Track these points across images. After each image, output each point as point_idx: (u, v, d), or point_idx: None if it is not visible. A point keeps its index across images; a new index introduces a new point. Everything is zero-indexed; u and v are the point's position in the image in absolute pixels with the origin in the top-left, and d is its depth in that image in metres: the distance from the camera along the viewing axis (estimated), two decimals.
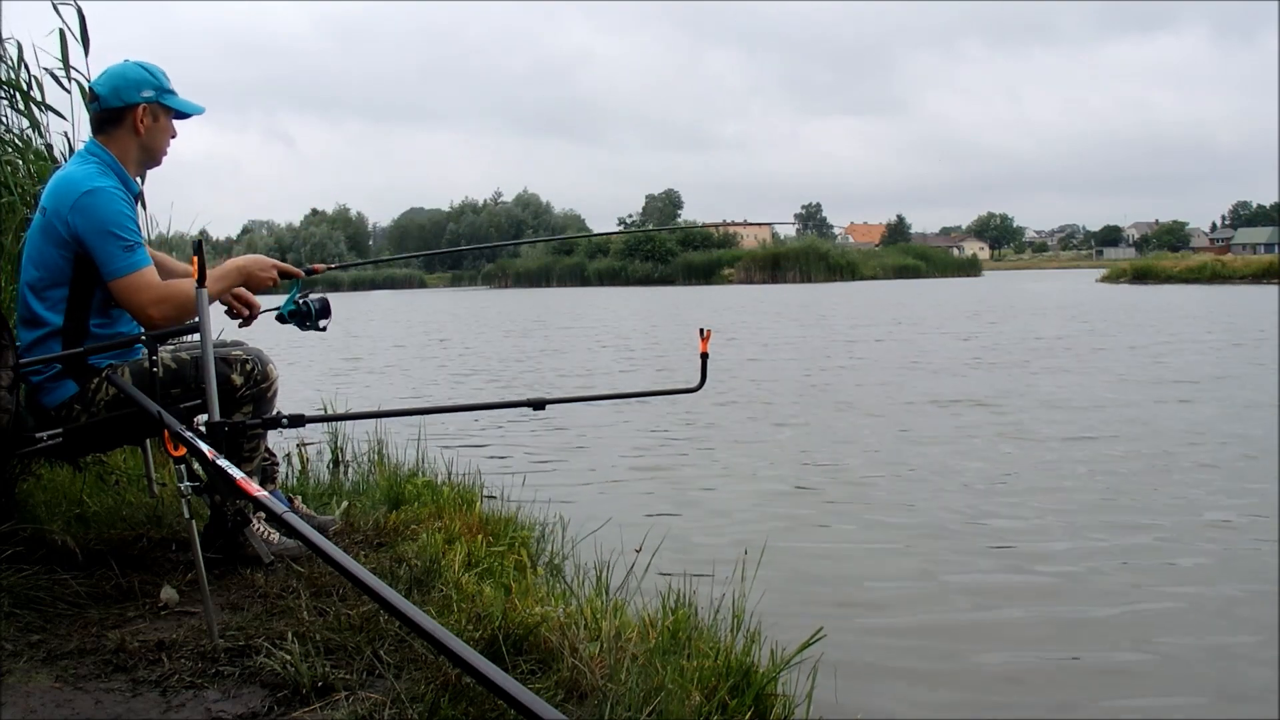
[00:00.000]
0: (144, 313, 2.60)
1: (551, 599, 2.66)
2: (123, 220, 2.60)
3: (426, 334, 20.84)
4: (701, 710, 2.06)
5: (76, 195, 2.58)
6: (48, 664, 2.14)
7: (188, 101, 2.82)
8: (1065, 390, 9.18)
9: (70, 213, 2.58)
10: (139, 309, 2.60)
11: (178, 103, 2.79)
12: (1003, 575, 3.96)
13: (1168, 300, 26.88)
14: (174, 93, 2.78)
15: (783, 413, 8.35)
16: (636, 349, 15.38)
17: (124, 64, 2.75)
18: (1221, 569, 3.99)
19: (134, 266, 2.58)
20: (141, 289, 2.58)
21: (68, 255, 2.61)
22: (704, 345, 2.79)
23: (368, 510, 3.52)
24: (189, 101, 2.83)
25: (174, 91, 2.78)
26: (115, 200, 2.60)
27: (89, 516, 3.13)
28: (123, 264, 2.57)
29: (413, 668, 2.10)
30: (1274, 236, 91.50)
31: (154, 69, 2.75)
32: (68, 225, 2.58)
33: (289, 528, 1.69)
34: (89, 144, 2.75)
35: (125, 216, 2.61)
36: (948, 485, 5.48)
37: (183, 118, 2.83)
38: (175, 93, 2.79)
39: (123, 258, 2.57)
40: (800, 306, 27.72)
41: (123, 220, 2.60)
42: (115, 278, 2.58)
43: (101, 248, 2.56)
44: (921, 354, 13.09)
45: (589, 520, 4.29)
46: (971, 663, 3.14)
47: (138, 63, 2.75)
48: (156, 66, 2.77)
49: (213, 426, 2.36)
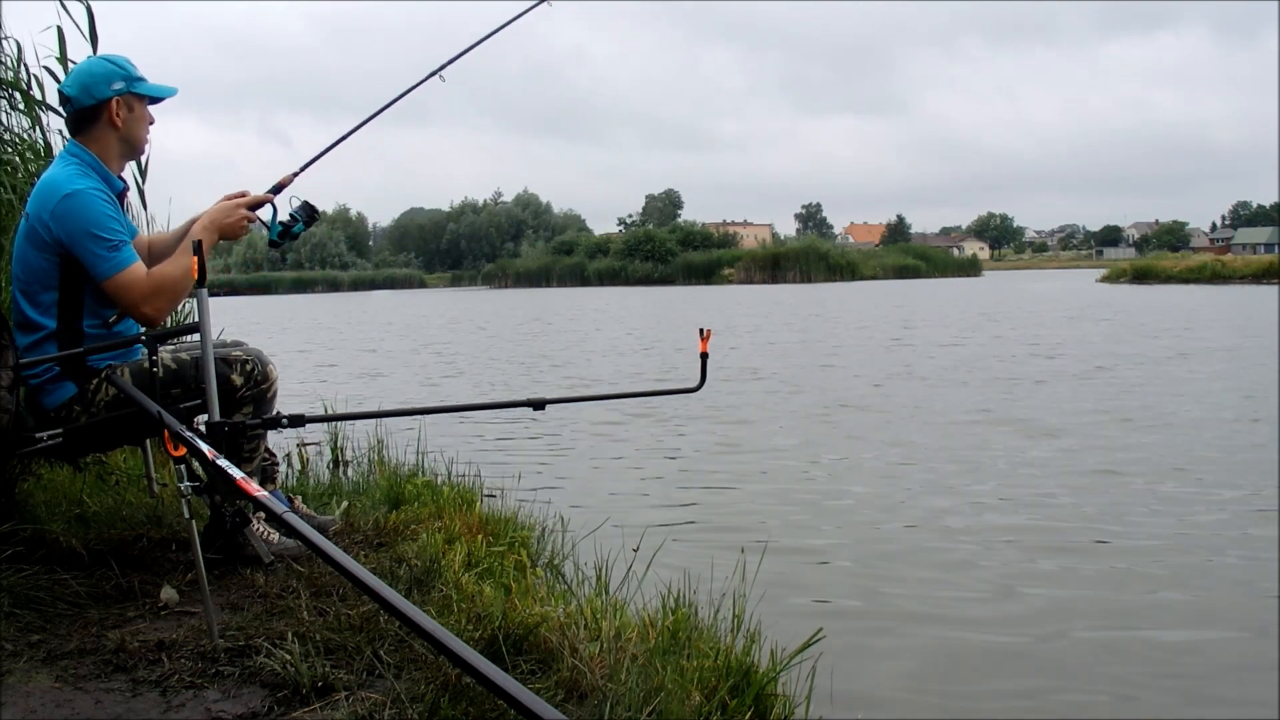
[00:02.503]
0: (137, 310, 2.60)
1: (551, 599, 2.66)
2: (104, 220, 2.58)
3: (425, 335, 20.85)
4: (701, 710, 2.06)
5: (57, 199, 2.57)
6: (48, 664, 2.14)
7: (158, 85, 2.81)
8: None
9: (51, 217, 2.57)
10: (132, 307, 2.60)
11: (149, 88, 2.77)
12: (1003, 575, 3.96)
13: (1173, 299, 26.87)
14: (143, 79, 2.77)
15: (783, 412, 8.35)
16: (636, 349, 15.38)
17: (89, 61, 2.76)
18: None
19: (120, 265, 2.57)
20: (131, 287, 2.58)
21: (52, 259, 2.60)
22: (704, 345, 2.80)
23: (368, 510, 3.52)
24: (159, 85, 2.81)
25: (143, 78, 2.77)
26: (95, 201, 2.59)
27: (89, 516, 3.13)
28: (109, 265, 2.56)
29: (413, 668, 2.10)
30: (1274, 236, 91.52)
31: (119, 59, 2.75)
32: (50, 229, 2.58)
33: (289, 528, 1.69)
34: (69, 145, 2.74)
35: (107, 216, 2.59)
36: (950, 486, 5.48)
37: (156, 102, 2.82)
38: (144, 79, 2.78)
39: (108, 258, 2.56)
40: (799, 306, 27.73)
41: (104, 220, 2.58)
42: (104, 279, 2.57)
43: (86, 250, 2.56)
44: (940, 361, 13.08)
45: (589, 520, 4.29)
46: (972, 663, 3.14)
47: (102, 57, 2.77)
48: (121, 56, 2.77)
49: (213, 426, 2.37)
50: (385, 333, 21.59)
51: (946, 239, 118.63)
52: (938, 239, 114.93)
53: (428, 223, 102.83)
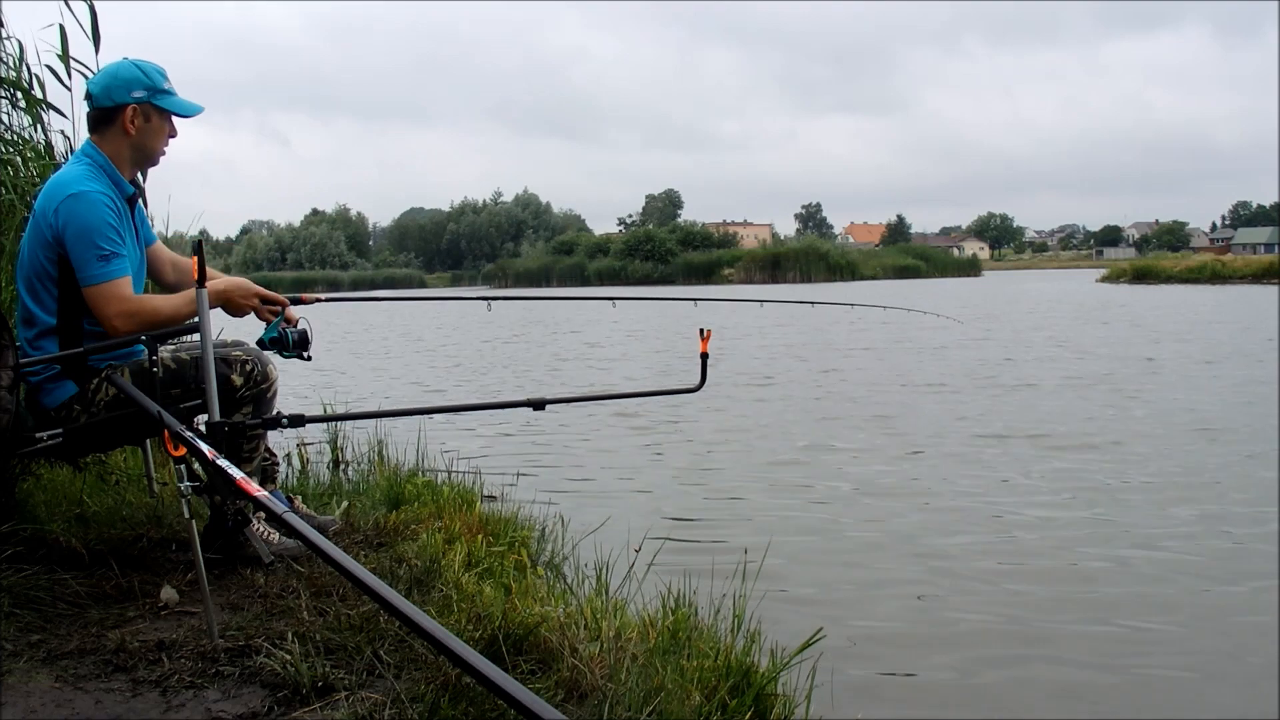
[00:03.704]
0: (109, 323, 2.58)
1: (551, 599, 2.66)
2: (102, 228, 2.56)
3: (430, 333, 20.84)
4: (701, 710, 2.06)
5: (61, 198, 2.57)
6: (48, 664, 2.14)
7: (184, 101, 2.76)
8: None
9: (54, 215, 2.57)
10: (105, 319, 2.58)
11: (171, 103, 2.72)
12: (1004, 577, 3.96)
13: (1180, 299, 26.86)
14: (170, 93, 2.72)
15: (784, 412, 8.35)
16: (636, 348, 15.36)
17: (119, 63, 2.71)
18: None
19: (106, 276, 2.55)
20: (110, 300, 2.56)
21: (52, 257, 2.60)
22: (704, 345, 2.80)
23: (368, 510, 3.53)
24: (185, 101, 2.76)
25: (170, 91, 2.72)
26: (98, 207, 2.57)
27: (89, 516, 3.12)
28: (95, 272, 2.55)
29: (413, 668, 2.10)
30: (1274, 236, 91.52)
31: (149, 68, 2.70)
32: (51, 227, 2.57)
33: (289, 528, 1.69)
34: (85, 144, 2.73)
35: (106, 225, 2.57)
36: (953, 485, 5.48)
37: (180, 117, 2.78)
38: (172, 93, 2.72)
39: (95, 266, 2.55)
40: (799, 304, 27.67)
41: (102, 228, 2.56)
42: (86, 285, 2.56)
43: (78, 253, 2.55)
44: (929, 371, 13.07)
45: (589, 520, 4.29)
46: (973, 664, 3.14)
47: (134, 61, 2.70)
48: (154, 65, 2.71)
49: (213, 426, 2.37)
50: (385, 333, 21.58)
51: (946, 239, 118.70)
52: (938, 239, 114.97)
53: (428, 223, 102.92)
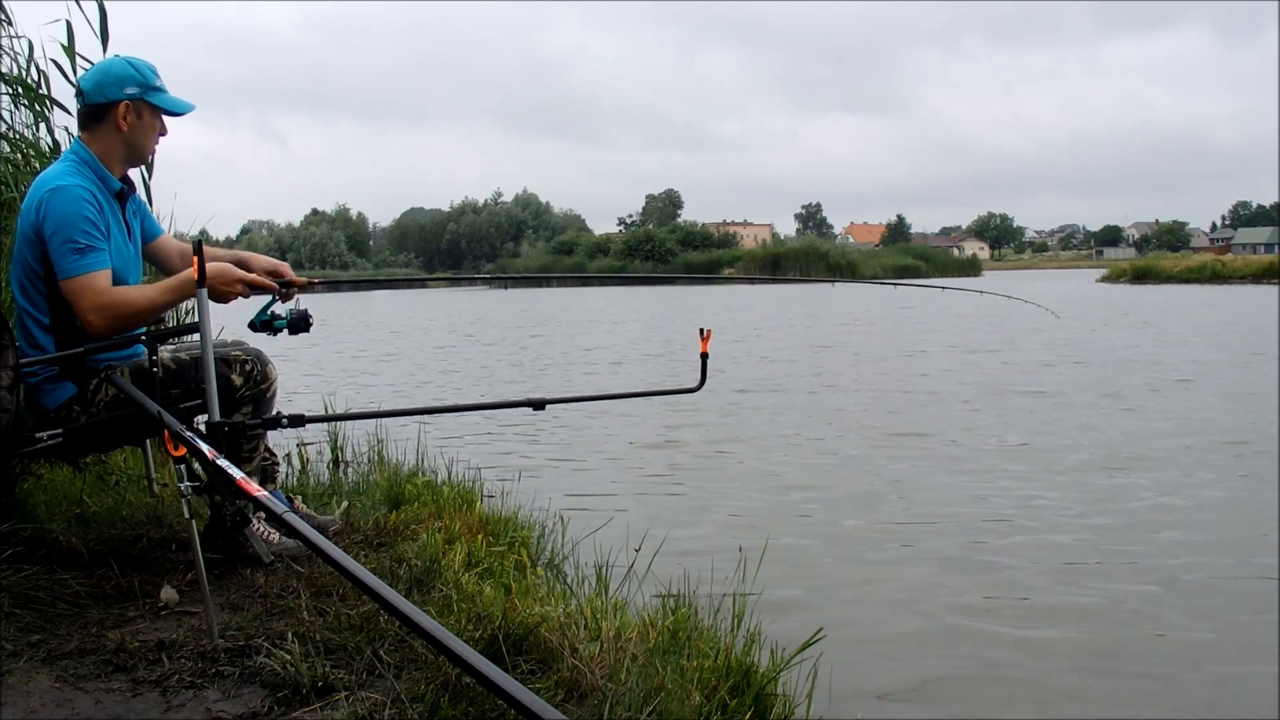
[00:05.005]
0: (84, 317, 2.55)
1: (551, 599, 2.66)
2: (79, 221, 2.54)
3: (428, 334, 20.84)
4: (701, 710, 2.06)
5: (42, 193, 2.57)
6: (48, 664, 2.14)
7: (176, 99, 2.75)
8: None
9: (35, 212, 2.57)
10: (80, 313, 2.55)
11: (163, 100, 2.72)
12: (1005, 578, 3.96)
13: (1182, 299, 26.84)
14: (161, 90, 2.72)
15: (785, 412, 8.35)
16: (636, 348, 15.37)
17: (111, 60, 2.72)
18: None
19: (80, 269, 2.53)
20: (85, 293, 2.53)
21: (37, 254, 2.59)
22: (704, 345, 2.80)
23: (368, 510, 3.52)
24: (177, 99, 2.76)
25: (162, 89, 2.72)
26: (76, 200, 2.55)
27: (89, 516, 3.12)
28: (69, 265, 2.53)
29: (413, 668, 2.10)
30: (1274, 236, 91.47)
31: (141, 65, 2.70)
32: (33, 224, 2.57)
33: (289, 528, 1.69)
34: (73, 142, 2.73)
35: (83, 218, 2.55)
36: (956, 485, 5.48)
37: (171, 115, 2.78)
38: (163, 90, 2.72)
39: (70, 259, 2.53)
40: (800, 306, 27.70)
41: (79, 221, 2.54)
42: (62, 278, 2.54)
43: (54, 247, 2.53)
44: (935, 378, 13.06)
45: (589, 520, 4.29)
46: (973, 664, 3.14)
47: (125, 59, 2.71)
48: (145, 63, 2.72)
49: (213, 426, 2.36)
50: (385, 332, 21.58)
51: (946, 239, 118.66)
52: (938, 239, 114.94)
53: (428, 223, 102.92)
